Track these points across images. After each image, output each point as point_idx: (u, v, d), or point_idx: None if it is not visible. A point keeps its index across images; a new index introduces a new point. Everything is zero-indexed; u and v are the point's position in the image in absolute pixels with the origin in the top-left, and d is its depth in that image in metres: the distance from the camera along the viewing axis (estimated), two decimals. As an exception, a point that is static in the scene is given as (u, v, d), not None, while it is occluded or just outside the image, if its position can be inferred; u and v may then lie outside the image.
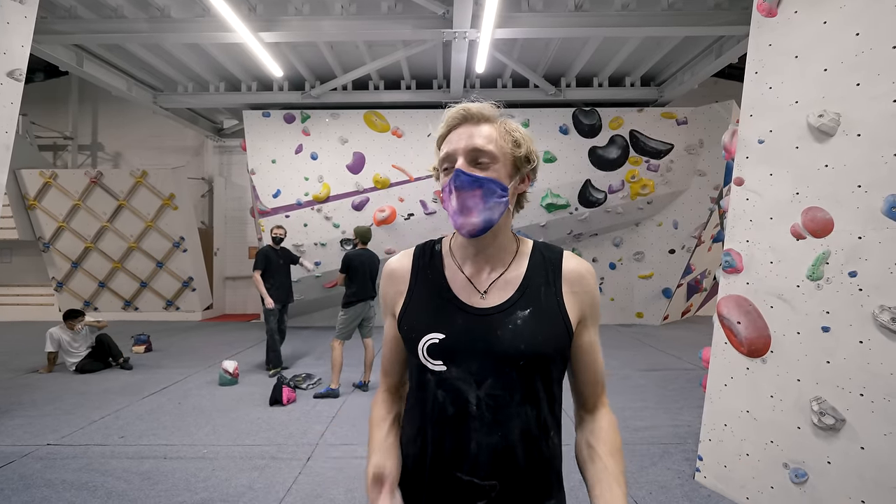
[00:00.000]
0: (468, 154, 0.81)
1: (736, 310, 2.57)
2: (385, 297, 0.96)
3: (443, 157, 0.84)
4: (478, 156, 0.81)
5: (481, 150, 0.81)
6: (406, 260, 0.95)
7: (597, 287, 0.92)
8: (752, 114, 2.54)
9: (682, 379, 4.97)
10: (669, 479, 2.83)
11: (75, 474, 2.87)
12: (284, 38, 5.73)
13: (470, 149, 0.81)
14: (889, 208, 1.97)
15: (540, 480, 0.83)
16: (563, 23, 5.49)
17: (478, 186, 0.79)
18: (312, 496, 2.64)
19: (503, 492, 0.80)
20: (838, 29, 2.16)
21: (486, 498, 0.80)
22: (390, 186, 7.75)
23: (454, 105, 0.85)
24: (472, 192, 0.79)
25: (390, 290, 0.94)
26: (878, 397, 2.00)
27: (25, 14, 3.46)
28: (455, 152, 0.82)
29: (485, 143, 0.81)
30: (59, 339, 5.35)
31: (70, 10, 5.51)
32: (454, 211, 0.81)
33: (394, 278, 0.94)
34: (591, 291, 0.89)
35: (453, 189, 0.80)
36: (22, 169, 8.73)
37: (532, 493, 0.83)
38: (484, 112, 0.83)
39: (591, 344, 0.88)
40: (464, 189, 0.79)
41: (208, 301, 10.00)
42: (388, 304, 0.95)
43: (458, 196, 0.80)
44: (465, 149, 0.81)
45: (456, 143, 0.82)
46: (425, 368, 0.84)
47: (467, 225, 0.81)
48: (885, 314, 1.97)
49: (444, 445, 0.83)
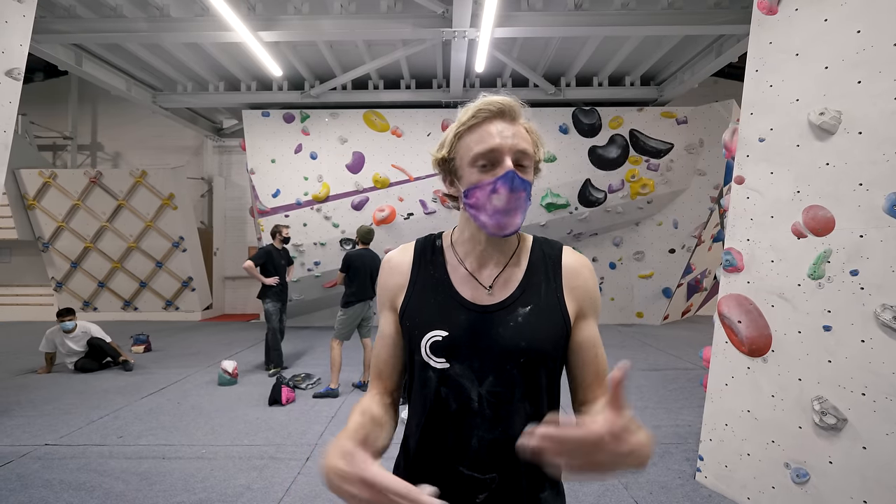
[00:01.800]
0: (515, 154, 0.80)
1: (737, 309, 2.56)
2: (384, 291, 0.93)
3: (482, 152, 0.80)
4: (521, 158, 0.80)
5: (525, 152, 0.80)
6: (407, 254, 0.93)
7: (595, 282, 0.91)
8: (752, 112, 2.53)
9: (682, 378, 4.96)
10: (670, 479, 2.82)
11: (73, 475, 2.86)
12: (284, 38, 5.73)
13: (518, 150, 0.79)
14: (890, 206, 1.96)
15: (539, 473, 0.83)
16: (562, 22, 5.48)
17: (524, 189, 0.80)
18: (311, 496, 2.63)
19: (502, 483, 0.81)
20: (839, 26, 2.15)
21: (487, 490, 0.81)
22: (390, 186, 7.74)
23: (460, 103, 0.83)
24: (519, 195, 0.79)
25: (390, 284, 0.92)
26: (880, 397, 1.99)
27: (24, 13, 3.45)
28: (502, 150, 0.79)
29: (527, 146, 0.81)
30: (53, 340, 5.34)
31: (69, 10, 5.50)
32: (498, 211, 0.79)
33: (394, 272, 0.92)
34: (590, 286, 0.89)
35: (505, 190, 0.78)
36: (21, 169, 8.72)
37: (531, 485, 0.83)
38: (517, 110, 0.82)
39: (590, 339, 0.87)
40: (516, 191, 0.79)
41: (208, 301, 9.99)
42: (388, 297, 0.92)
43: (509, 197, 0.78)
44: (511, 149, 0.79)
45: (500, 141, 0.79)
46: (427, 365, 0.83)
47: (511, 225, 0.81)
48: (886, 313, 1.96)
49: (446, 441, 0.83)
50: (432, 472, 0.83)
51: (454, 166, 0.85)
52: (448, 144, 0.85)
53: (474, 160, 0.81)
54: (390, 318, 0.91)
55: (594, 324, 0.89)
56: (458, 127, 0.83)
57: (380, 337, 0.93)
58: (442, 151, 0.86)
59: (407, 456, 0.89)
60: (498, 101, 0.80)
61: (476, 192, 0.81)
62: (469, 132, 0.82)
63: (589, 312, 0.88)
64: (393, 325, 0.91)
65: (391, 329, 0.91)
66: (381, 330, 0.93)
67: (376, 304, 0.97)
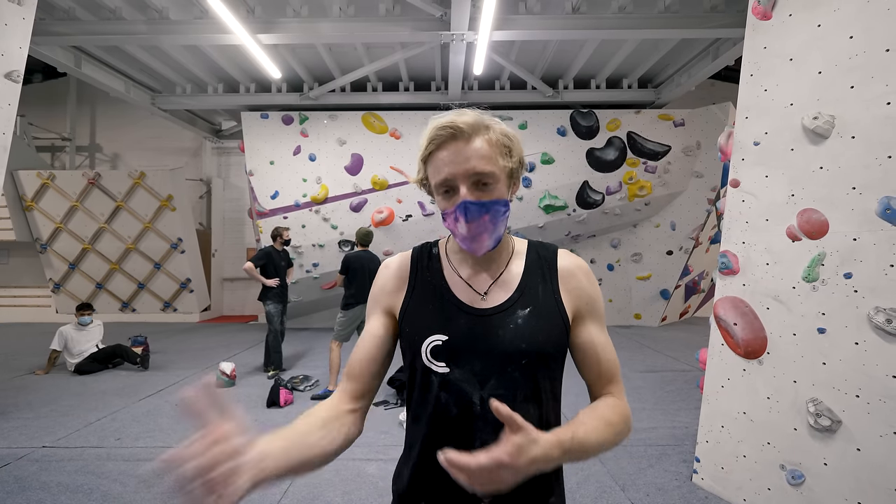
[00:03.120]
0: (468, 179, 0.78)
1: (732, 311, 2.58)
2: (380, 294, 0.92)
3: (439, 182, 0.81)
4: (479, 178, 0.79)
5: (481, 172, 0.78)
6: (405, 261, 0.94)
7: (593, 282, 0.91)
8: (747, 116, 2.55)
9: (679, 380, 4.97)
10: (667, 480, 2.83)
11: (71, 477, 2.86)
12: (283, 40, 5.73)
13: (470, 173, 0.78)
14: (883, 210, 1.98)
15: (542, 478, 0.83)
16: (560, 25, 5.51)
17: (486, 212, 0.79)
18: (309, 498, 2.64)
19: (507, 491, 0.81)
20: (832, 32, 2.17)
21: (489, 497, 0.80)
22: (388, 188, 7.75)
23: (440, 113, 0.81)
24: (481, 220, 0.79)
25: (388, 287, 0.92)
26: (874, 399, 2.00)
27: (23, 16, 3.46)
28: (454, 177, 0.78)
29: (483, 164, 0.78)
30: (66, 336, 5.36)
31: (68, 12, 5.51)
32: (465, 237, 0.81)
33: (393, 277, 0.93)
34: (587, 287, 0.90)
35: (462, 220, 0.79)
36: (19, 170, 8.71)
37: (535, 490, 0.83)
38: (473, 124, 0.79)
39: (589, 341, 0.88)
40: (475, 219, 0.79)
41: (206, 302, 9.99)
42: (383, 301, 0.92)
43: (468, 226, 0.79)
44: (464, 174, 0.78)
45: (454, 168, 0.78)
46: (428, 370, 0.84)
47: (481, 248, 0.82)
48: (880, 315, 1.98)
49: (449, 446, 0.83)
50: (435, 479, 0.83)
51: (430, 187, 0.87)
52: (419, 170, 0.86)
53: (437, 188, 0.83)
54: (382, 321, 0.91)
55: (593, 325, 0.89)
56: (422, 153, 0.83)
57: (363, 338, 0.90)
58: (419, 175, 0.87)
59: (410, 463, 0.89)
60: (448, 122, 0.78)
61: (446, 217, 0.84)
62: (430, 158, 0.82)
63: (587, 313, 0.89)
64: (383, 327, 0.90)
65: (380, 331, 0.90)
66: (367, 331, 0.91)
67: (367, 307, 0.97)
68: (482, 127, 0.80)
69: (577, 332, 0.88)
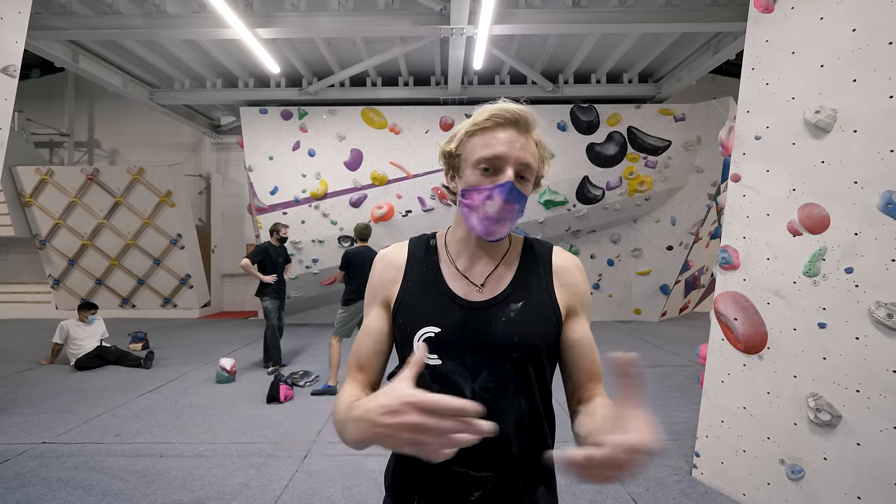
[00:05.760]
0: (518, 166, 0.80)
1: (733, 306, 2.57)
2: (376, 287, 0.93)
3: (486, 157, 0.80)
4: (523, 170, 0.81)
5: (528, 165, 0.81)
6: (401, 251, 0.94)
7: (586, 281, 0.92)
8: (748, 110, 2.53)
9: (679, 375, 4.98)
10: (667, 475, 2.83)
11: (71, 473, 2.86)
12: (281, 35, 5.70)
13: (521, 162, 0.80)
14: (885, 204, 1.97)
15: (533, 470, 0.84)
16: (560, 19, 5.47)
17: (517, 202, 0.81)
18: (309, 493, 2.64)
19: (498, 482, 0.81)
20: (835, 25, 2.15)
21: (482, 489, 0.80)
22: (388, 183, 7.74)
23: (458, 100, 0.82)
24: (513, 207, 0.81)
25: (384, 279, 0.92)
26: (875, 393, 2.00)
27: (20, 10, 3.43)
28: (506, 159, 0.80)
29: (532, 160, 0.82)
30: (67, 330, 5.38)
31: (65, 6, 5.46)
32: (489, 217, 0.81)
33: (388, 269, 0.93)
34: (580, 284, 0.90)
35: (500, 199, 0.79)
36: (18, 166, 8.68)
37: (525, 482, 0.83)
38: (532, 122, 0.82)
39: (583, 338, 0.87)
40: (511, 202, 0.80)
41: (206, 298, 9.98)
42: (380, 293, 0.92)
43: (502, 206, 0.80)
44: (516, 160, 0.80)
45: (507, 150, 0.79)
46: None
47: (498, 233, 0.82)
48: (881, 310, 1.97)
49: None
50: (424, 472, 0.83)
51: (458, 162, 0.86)
52: (457, 140, 0.86)
53: (478, 162, 0.82)
54: (380, 314, 0.91)
55: (585, 322, 0.90)
56: (471, 126, 0.83)
57: (365, 332, 0.91)
58: (451, 145, 0.87)
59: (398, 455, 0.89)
60: (515, 109, 0.80)
61: (473, 194, 0.82)
62: (480, 133, 0.82)
63: (580, 310, 0.89)
64: (382, 320, 0.90)
65: (380, 324, 0.90)
66: (367, 325, 0.92)
67: (365, 300, 0.96)
68: (535, 128, 0.84)
69: (569, 328, 0.87)
